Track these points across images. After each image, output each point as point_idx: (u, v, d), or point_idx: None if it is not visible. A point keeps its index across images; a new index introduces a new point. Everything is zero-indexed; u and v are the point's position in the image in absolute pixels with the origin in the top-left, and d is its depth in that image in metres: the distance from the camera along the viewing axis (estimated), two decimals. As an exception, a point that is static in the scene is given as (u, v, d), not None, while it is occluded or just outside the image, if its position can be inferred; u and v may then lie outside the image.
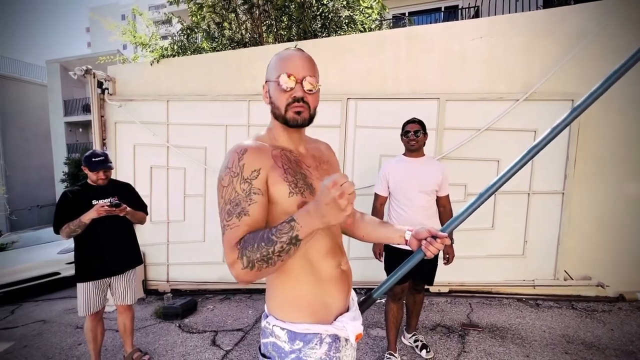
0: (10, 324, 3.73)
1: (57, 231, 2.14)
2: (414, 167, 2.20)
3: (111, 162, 2.31)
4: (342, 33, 4.80)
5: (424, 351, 2.32)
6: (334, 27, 4.77)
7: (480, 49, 3.26)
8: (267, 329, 0.92)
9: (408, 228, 1.04)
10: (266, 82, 0.93)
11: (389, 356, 2.26)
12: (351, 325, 0.90)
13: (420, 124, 2.21)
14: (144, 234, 4.00)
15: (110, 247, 2.26)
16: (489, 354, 2.31)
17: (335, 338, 0.91)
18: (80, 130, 16.30)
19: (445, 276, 3.38)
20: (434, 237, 0.96)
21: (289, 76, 0.86)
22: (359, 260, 3.24)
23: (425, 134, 2.21)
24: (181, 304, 3.25)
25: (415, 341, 2.41)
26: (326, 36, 4.65)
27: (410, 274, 2.28)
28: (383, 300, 3.28)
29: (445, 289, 3.41)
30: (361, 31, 4.90)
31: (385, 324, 2.28)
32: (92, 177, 2.25)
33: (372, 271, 3.19)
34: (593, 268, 3.21)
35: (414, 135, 2.17)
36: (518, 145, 3.21)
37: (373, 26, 5.50)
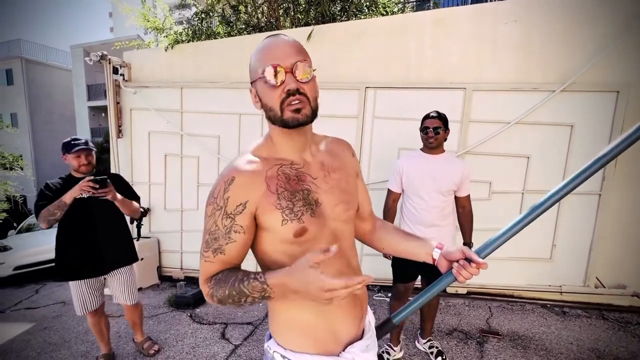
0: (34, 304, 3.88)
1: (41, 226, 1.97)
2: (430, 165, 2.03)
3: (93, 146, 2.11)
4: (362, 17, 4.54)
5: (439, 358, 2.20)
6: (354, 10, 4.52)
7: (514, 34, 2.97)
8: (268, 353, 0.85)
9: (437, 245, 0.90)
10: (252, 84, 0.78)
11: (386, 347, 2.23)
12: (362, 358, 0.79)
13: (442, 119, 2.01)
14: (158, 221, 4.04)
15: (100, 243, 2.08)
16: (509, 365, 2.18)
17: None
18: (103, 114, 16.73)
19: (463, 277, 3.23)
20: (468, 260, 0.82)
21: (275, 68, 0.70)
22: (371, 257, 3.13)
23: (446, 130, 2.03)
24: (193, 294, 3.26)
25: (430, 347, 2.30)
26: (345, 20, 4.42)
27: (423, 275, 2.16)
28: (388, 298, 3.19)
29: (464, 291, 3.25)
30: (382, 15, 4.62)
31: None
32: (74, 164, 2.03)
33: (383, 268, 3.08)
34: (628, 276, 2.97)
35: (433, 133, 1.98)
36: (552, 140, 2.95)
37: (396, 9, 5.19)
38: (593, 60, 2.78)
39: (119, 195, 2.05)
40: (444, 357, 2.20)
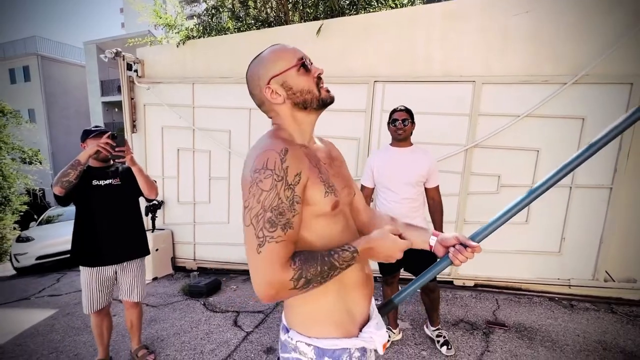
0: (56, 291, 4.08)
1: (54, 192, 1.93)
2: (398, 158, 2.16)
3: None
4: (371, 10, 4.52)
5: (444, 348, 2.26)
6: (363, 3, 4.50)
7: (525, 26, 2.93)
8: (289, 344, 0.87)
9: (433, 232, 0.95)
10: (270, 80, 0.82)
11: (387, 330, 2.29)
12: (378, 335, 0.85)
13: (408, 112, 2.16)
14: (172, 214, 4.16)
15: (113, 230, 2.06)
16: (514, 355, 2.21)
17: (363, 351, 0.86)
18: (116, 110, 17.07)
19: (471, 269, 3.26)
20: (463, 245, 0.87)
21: (305, 57, 0.84)
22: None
23: (413, 122, 2.16)
24: (206, 284, 3.38)
25: (438, 336, 2.36)
26: (354, 14, 4.41)
27: (408, 270, 2.26)
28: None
29: (471, 283, 3.28)
30: (392, 8, 4.59)
31: None
32: (95, 147, 1.96)
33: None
34: (639, 270, 2.95)
35: (401, 124, 2.12)
36: (563, 134, 2.93)
37: (405, 1, 5.14)
38: (607, 52, 2.74)
39: (137, 162, 2.04)
40: (449, 347, 2.26)
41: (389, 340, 2.32)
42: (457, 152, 3.13)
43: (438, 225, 2.23)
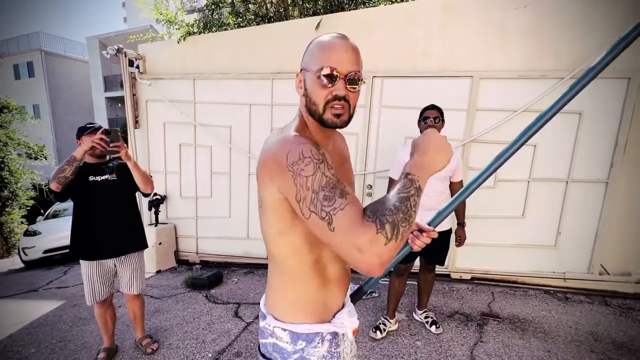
0: (63, 283, 4.19)
1: (50, 188, 1.94)
2: None
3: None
4: (371, 5, 4.52)
5: (433, 327, 2.42)
6: (363, -3, 4.50)
7: (524, 20, 2.94)
8: (266, 330, 0.91)
9: None
10: (301, 70, 0.80)
11: (383, 319, 2.45)
12: (349, 321, 0.92)
13: (439, 110, 2.23)
14: (175, 208, 4.24)
15: (110, 225, 2.08)
16: (507, 345, 2.27)
17: (335, 334, 0.93)
18: (120, 105, 17.15)
19: (467, 263, 3.31)
20: (420, 230, 0.93)
21: (332, 71, 0.74)
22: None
23: (443, 120, 2.24)
24: (208, 276, 3.46)
25: (425, 317, 2.51)
26: (354, 9, 4.40)
27: (421, 253, 2.35)
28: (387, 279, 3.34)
29: (468, 276, 3.33)
30: (391, 2, 4.58)
31: (387, 295, 2.48)
32: (90, 143, 1.96)
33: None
34: (634, 264, 2.98)
35: (433, 122, 2.19)
36: (560, 128, 2.94)
37: (406, -5, 5.11)
38: (605, 48, 2.73)
39: (132, 156, 2.06)
40: (437, 326, 2.39)
41: (384, 330, 2.40)
42: (454, 147, 3.15)
43: (461, 215, 2.38)
